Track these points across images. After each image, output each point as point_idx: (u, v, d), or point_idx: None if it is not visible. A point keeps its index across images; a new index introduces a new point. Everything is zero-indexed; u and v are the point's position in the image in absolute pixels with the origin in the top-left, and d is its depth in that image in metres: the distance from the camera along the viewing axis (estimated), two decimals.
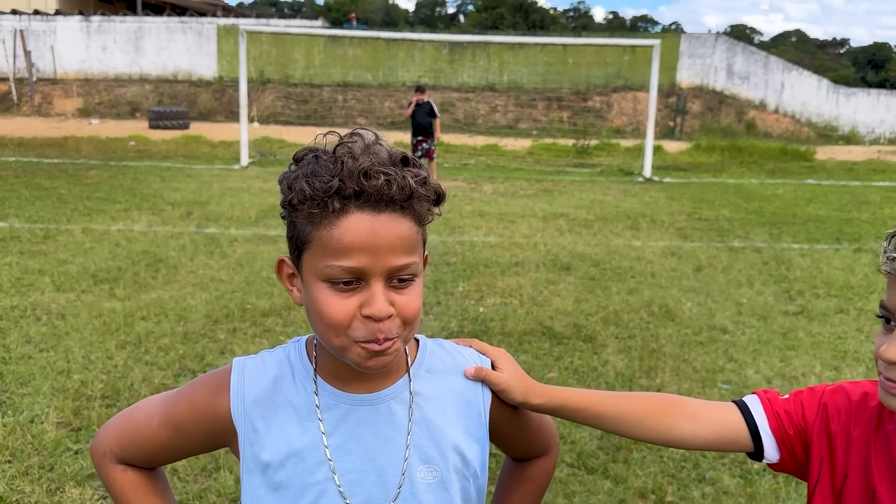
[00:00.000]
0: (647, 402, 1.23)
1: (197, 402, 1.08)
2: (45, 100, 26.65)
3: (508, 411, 1.15)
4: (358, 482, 1.04)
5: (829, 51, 78.84)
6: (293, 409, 1.05)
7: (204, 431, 1.08)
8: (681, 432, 1.17)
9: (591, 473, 3.23)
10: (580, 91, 27.76)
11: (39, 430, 3.48)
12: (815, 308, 5.83)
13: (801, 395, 1.16)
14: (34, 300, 5.44)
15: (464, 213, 9.99)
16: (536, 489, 1.27)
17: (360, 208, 0.93)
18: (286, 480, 1.03)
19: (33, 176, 11.82)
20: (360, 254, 0.93)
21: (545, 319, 5.37)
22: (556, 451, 1.29)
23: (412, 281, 0.97)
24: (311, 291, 0.97)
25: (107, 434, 1.14)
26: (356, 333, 0.95)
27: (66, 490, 3.00)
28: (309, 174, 0.95)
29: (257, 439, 1.05)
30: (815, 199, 12.13)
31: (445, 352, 1.14)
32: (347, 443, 1.04)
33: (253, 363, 1.09)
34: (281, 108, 26.36)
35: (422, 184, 0.96)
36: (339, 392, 1.05)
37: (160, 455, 1.13)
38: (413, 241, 0.97)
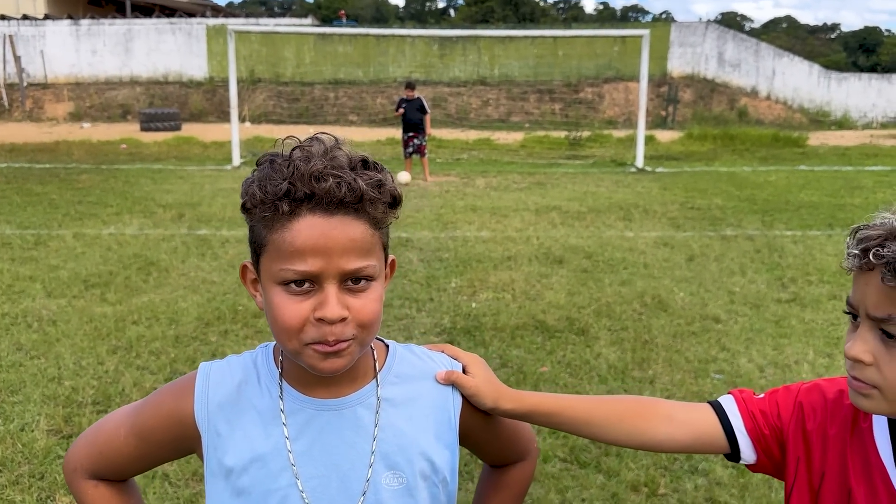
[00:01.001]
0: (621, 405, 1.22)
1: (162, 408, 1.08)
2: (37, 105, 26.54)
3: (480, 417, 1.14)
4: (321, 488, 1.03)
5: (819, 36, 78.85)
6: (257, 413, 1.04)
7: (170, 438, 1.08)
8: (656, 435, 1.17)
9: (583, 468, 3.23)
10: (571, 83, 27.72)
11: (30, 437, 3.47)
12: (808, 295, 5.83)
13: (776, 395, 1.15)
14: (25, 307, 5.42)
15: (456, 208, 9.98)
16: (515, 496, 1.26)
17: (311, 211, 0.93)
18: (249, 486, 1.03)
19: (24, 181, 11.77)
20: (312, 257, 0.92)
21: (538, 313, 5.36)
22: (534, 456, 1.28)
23: (369, 284, 0.97)
24: (268, 295, 0.97)
25: (76, 449, 1.14)
26: (307, 336, 0.94)
27: (57, 499, 2.99)
28: (262, 178, 0.95)
29: (221, 443, 1.04)
30: (808, 185, 12.13)
31: (416, 357, 1.13)
32: (311, 448, 1.03)
33: (219, 367, 1.08)
34: (272, 107, 26.27)
35: (375, 186, 0.95)
36: (304, 397, 1.04)
37: (130, 466, 1.12)
38: (367, 243, 0.96)
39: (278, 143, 1.00)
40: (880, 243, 0.93)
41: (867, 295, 0.95)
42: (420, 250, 7.44)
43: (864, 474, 1.03)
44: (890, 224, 0.96)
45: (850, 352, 0.97)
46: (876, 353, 0.95)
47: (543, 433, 3.51)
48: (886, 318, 0.93)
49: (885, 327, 0.94)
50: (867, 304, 0.95)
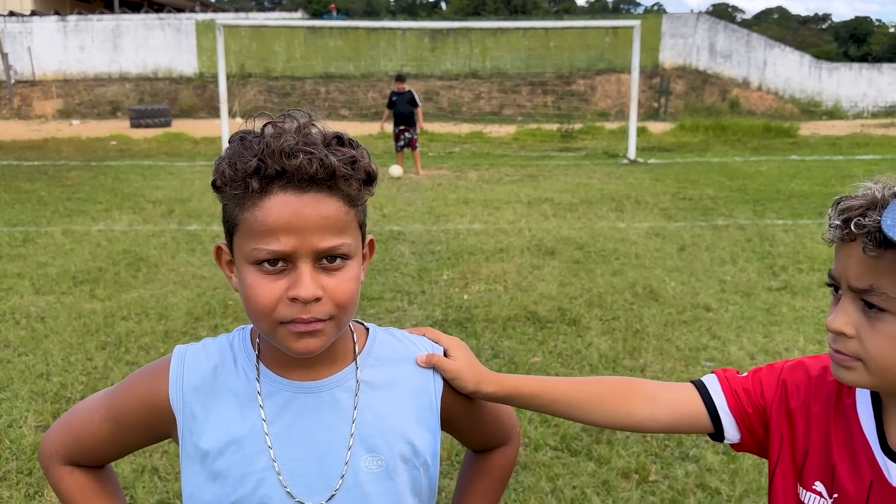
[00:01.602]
0: (604, 387, 1.20)
1: (135, 392, 1.06)
2: (25, 102, 26.37)
3: (462, 401, 1.12)
4: (299, 471, 1.01)
5: (810, 26, 79.00)
6: (233, 395, 1.02)
7: (144, 422, 1.06)
8: (639, 416, 1.16)
9: (574, 455, 3.23)
10: (564, 75, 27.71)
11: (18, 434, 3.44)
12: (799, 283, 5.84)
13: (759, 373, 1.14)
14: (13, 304, 5.38)
15: (448, 201, 9.96)
16: (497, 480, 1.25)
17: (283, 188, 0.90)
18: (225, 469, 1.01)
19: (13, 179, 11.69)
20: (285, 235, 0.90)
21: (529, 304, 5.35)
22: (516, 441, 1.27)
23: (344, 263, 0.95)
24: (241, 275, 0.95)
25: (52, 436, 1.12)
26: (280, 314, 0.92)
27: (45, 494, 2.97)
28: (232, 155, 0.93)
29: (196, 426, 1.02)
30: (799, 174, 12.15)
31: (396, 340, 1.11)
32: (289, 431, 1.01)
33: (194, 350, 1.06)
34: (263, 102, 26.17)
35: (349, 163, 0.93)
36: (282, 379, 1.02)
37: (105, 451, 1.10)
38: (342, 221, 0.94)
39: (250, 121, 0.98)
40: (862, 213, 0.92)
41: (849, 266, 0.94)
42: (412, 243, 7.42)
43: (847, 450, 1.03)
44: (871, 194, 0.95)
45: (832, 325, 0.96)
46: (858, 326, 0.94)
47: (535, 422, 3.51)
48: (868, 288, 0.92)
49: (867, 298, 0.93)
50: (849, 275, 0.94)
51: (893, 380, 0.95)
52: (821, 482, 1.05)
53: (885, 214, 0.89)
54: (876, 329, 0.93)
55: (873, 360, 0.94)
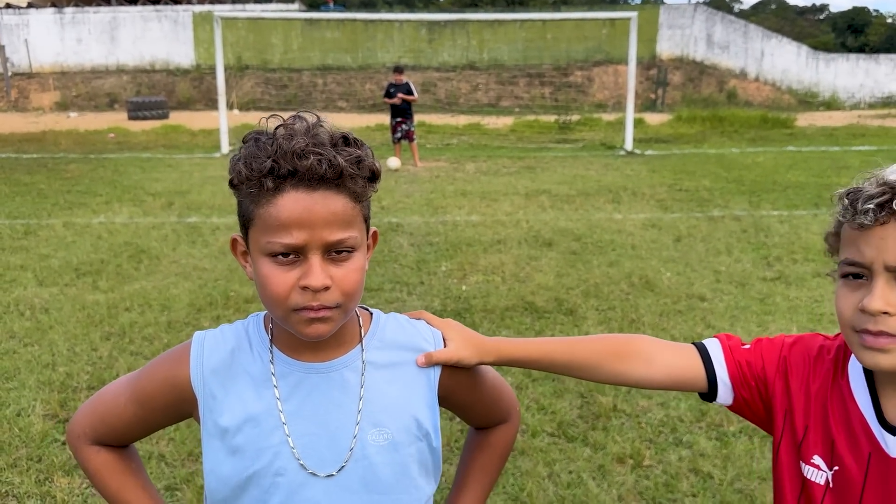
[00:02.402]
0: (601, 347, 1.26)
1: (159, 375, 1.14)
2: (22, 94, 26.34)
3: (461, 382, 1.20)
4: (311, 445, 1.09)
5: (808, 17, 78.82)
6: (250, 377, 1.10)
7: (167, 402, 1.14)
8: (634, 376, 1.22)
9: (570, 441, 3.31)
10: (561, 66, 27.73)
11: (26, 422, 3.51)
12: (793, 273, 5.92)
13: (761, 346, 1.19)
14: (17, 296, 5.44)
15: (446, 193, 10.02)
16: (498, 456, 1.33)
17: (294, 187, 0.98)
18: (243, 444, 1.09)
19: (12, 172, 11.73)
20: (297, 229, 0.98)
21: (527, 295, 5.42)
22: (516, 419, 1.34)
23: (351, 254, 1.02)
24: (257, 266, 1.03)
25: (79, 418, 1.20)
26: (292, 302, 1.00)
27: (55, 480, 3.04)
28: (247, 156, 1.00)
29: (216, 406, 1.10)
30: (795, 165, 12.22)
31: (398, 324, 1.19)
32: (301, 408, 1.09)
33: (212, 336, 1.14)
34: (260, 94, 26.17)
35: (355, 163, 1.01)
36: (294, 361, 1.10)
37: (130, 431, 1.18)
38: (349, 216, 1.01)
39: (262, 122, 1.05)
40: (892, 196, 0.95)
41: (885, 247, 0.96)
42: (410, 235, 7.49)
43: (844, 425, 1.08)
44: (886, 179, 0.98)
45: (872, 305, 0.96)
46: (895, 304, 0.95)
47: (532, 409, 3.59)
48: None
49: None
50: (886, 255, 0.96)
51: None
52: (819, 456, 1.10)
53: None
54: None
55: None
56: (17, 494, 2.96)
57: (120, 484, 1.19)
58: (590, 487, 2.94)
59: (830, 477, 1.09)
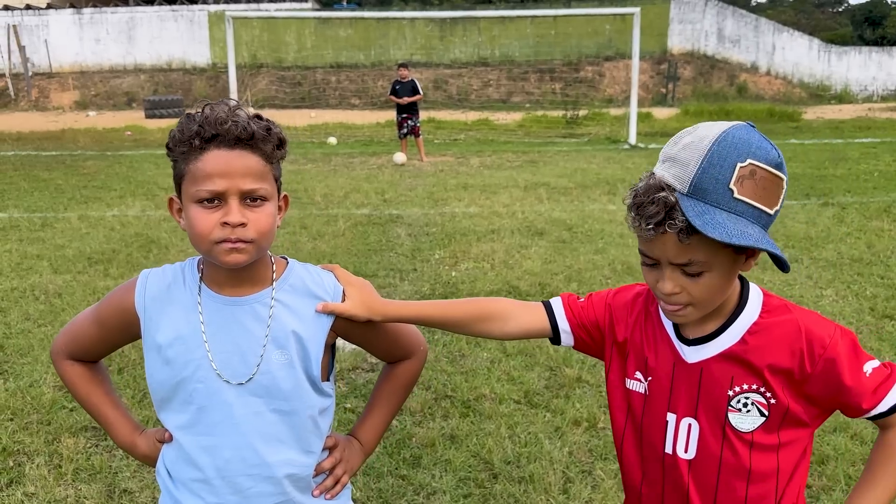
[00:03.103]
0: (469, 310, 1.56)
1: (113, 302, 1.46)
2: (42, 94, 26.96)
3: (355, 326, 1.48)
4: (227, 360, 1.39)
5: (826, 10, 78.09)
6: (181, 305, 1.41)
7: (119, 323, 1.45)
8: (496, 332, 1.55)
9: (533, 408, 3.58)
10: (572, 62, 27.89)
11: (38, 392, 3.85)
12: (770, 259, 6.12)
13: (592, 297, 1.52)
14: (33, 282, 5.80)
15: (448, 186, 10.30)
16: (402, 385, 1.63)
17: (217, 146, 1.28)
18: (173, 357, 1.39)
19: (31, 168, 12.17)
20: (219, 178, 1.28)
21: (512, 280, 5.69)
22: (421, 356, 1.63)
23: (263, 203, 1.32)
24: (188, 212, 1.33)
25: (59, 338, 1.54)
26: (215, 236, 1.30)
27: (63, 440, 3.37)
28: (180, 124, 1.32)
29: (153, 326, 1.41)
30: (795, 157, 12.35)
31: (307, 272, 1.48)
32: (219, 331, 1.39)
33: (155, 272, 1.45)
34: (275, 91, 26.58)
35: (265, 130, 1.31)
36: (217, 295, 1.41)
37: (95, 348, 1.51)
38: (261, 171, 1.31)
39: (196, 106, 1.35)
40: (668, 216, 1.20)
41: (667, 250, 1.24)
42: (409, 225, 7.78)
43: (654, 345, 1.41)
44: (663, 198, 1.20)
45: (664, 289, 1.28)
46: (682, 284, 1.27)
47: (502, 380, 3.87)
48: (687, 263, 1.24)
49: (685, 269, 1.25)
50: (668, 255, 1.24)
51: (709, 308, 1.31)
52: (639, 371, 1.42)
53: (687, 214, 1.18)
54: (695, 282, 1.26)
55: (699, 301, 1.28)
56: (28, 452, 3.29)
57: (89, 390, 1.53)
58: (544, 445, 3.21)
59: (647, 386, 1.40)
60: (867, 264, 5.97)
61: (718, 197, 1.19)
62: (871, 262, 6.01)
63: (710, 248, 1.21)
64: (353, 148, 15.51)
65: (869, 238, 6.76)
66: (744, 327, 1.31)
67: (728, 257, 1.24)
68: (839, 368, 1.27)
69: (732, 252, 1.24)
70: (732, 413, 1.31)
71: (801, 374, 1.28)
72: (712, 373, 1.32)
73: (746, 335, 1.31)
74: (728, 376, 1.31)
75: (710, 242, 1.19)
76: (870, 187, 9.38)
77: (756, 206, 1.21)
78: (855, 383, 1.28)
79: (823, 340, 1.28)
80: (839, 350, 1.28)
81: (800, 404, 1.31)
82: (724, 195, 1.19)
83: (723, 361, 1.32)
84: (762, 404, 1.30)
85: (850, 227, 7.23)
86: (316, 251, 6.67)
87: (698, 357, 1.34)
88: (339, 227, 7.66)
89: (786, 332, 1.29)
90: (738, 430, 1.31)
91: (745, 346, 1.31)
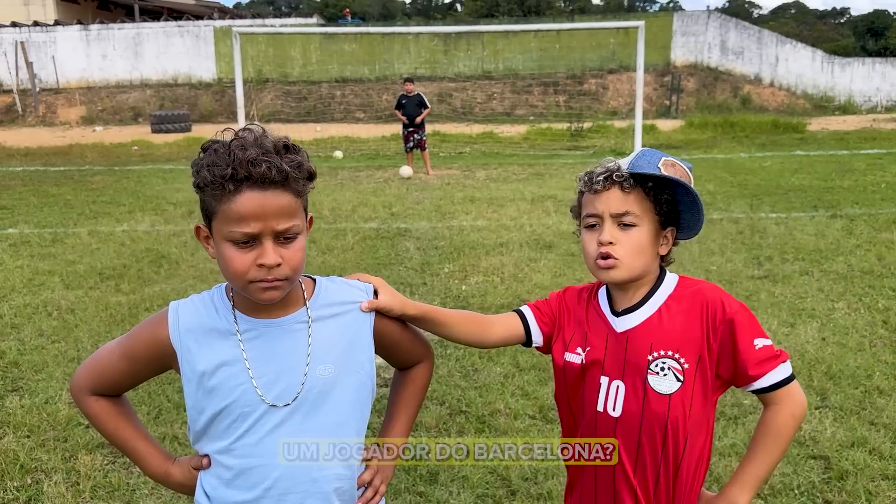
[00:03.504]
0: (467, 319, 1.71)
1: (144, 336, 1.46)
2: (49, 109, 27.13)
3: (389, 325, 1.54)
4: (271, 383, 1.41)
5: (828, 21, 78.32)
6: (218, 333, 1.42)
7: (150, 357, 1.46)
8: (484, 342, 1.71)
9: (549, 423, 3.58)
10: (576, 75, 27.96)
11: (53, 409, 3.86)
12: (781, 272, 6.13)
13: (552, 295, 1.74)
14: (45, 298, 5.83)
15: (455, 199, 10.32)
16: (420, 389, 1.68)
17: (250, 188, 1.28)
18: (217, 385, 1.40)
19: (40, 184, 12.24)
20: (253, 221, 1.29)
21: (523, 293, 5.70)
22: (431, 360, 1.69)
23: (295, 238, 1.34)
24: (220, 249, 1.34)
25: (80, 374, 1.53)
26: (250, 276, 1.32)
27: (79, 457, 3.38)
28: (210, 164, 1.30)
29: (192, 357, 1.42)
30: (801, 169, 12.36)
31: (336, 286, 1.52)
32: (261, 356, 1.41)
33: (185, 303, 1.46)
34: (280, 106, 26.70)
35: (297, 167, 1.32)
36: (252, 319, 1.42)
37: (122, 383, 1.51)
38: (293, 209, 1.33)
39: (219, 134, 1.36)
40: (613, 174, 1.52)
41: (610, 202, 1.52)
42: (417, 239, 7.80)
43: (593, 323, 1.63)
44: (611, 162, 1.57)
45: (603, 238, 1.52)
46: (616, 236, 1.52)
47: (517, 395, 3.87)
48: (624, 213, 1.52)
49: (622, 220, 1.52)
50: (610, 207, 1.52)
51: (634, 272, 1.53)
52: (579, 346, 1.63)
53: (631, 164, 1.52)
54: (627, 237, 1.53)
55: (626, 257, 1.52)
56: (46, 469, 3.30)
57: (116, 425, 1.52)
58: (561, 462, 3.20)
59: (584, 356, 1.61)
60: (878, 276, 5.96)
61: (651, 168, 1.51)
62: (883, 275, 6.00)
63: (643, 203, 1.51)
64: (360, 161, 15.57)
65: (879, 250, 6.75)
66: (661, 299, 1.56)
67: (654, 222, 1.54)
68: (736, 330, 1.48)
69: (658, 221, 1.54)
70: (651, 376, 1.52)
71: (709, 337, 1.49)
72: (635, 340, 1.55)
73: (663, 306, 1.55)
74: (647, 343, 1.53)
75: (643, 198, 1.51)
76: (878, 199, 9.37)
77: (679, 179, 1.51)
78: (746, 349, 1.48)
79: (726, 305, 1.50)
80: (740, 316, 1.49)
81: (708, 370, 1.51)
82: (655, 169, 1.51)
83: (644, 329, 1.54)
84: (677, 370, 1.51)
85: (860, 239, 7.22)
86: (325, 265, 6.68)
87: (625, 326, 1.57)
88: (347, 241, 7.68)
89: (696, 301, 1.53)
90: (657, 391, 1.51)
91: (661, 315, 1.54)
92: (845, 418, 3.59)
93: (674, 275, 1.62)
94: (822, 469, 3.16)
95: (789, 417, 1.50)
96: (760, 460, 1.51)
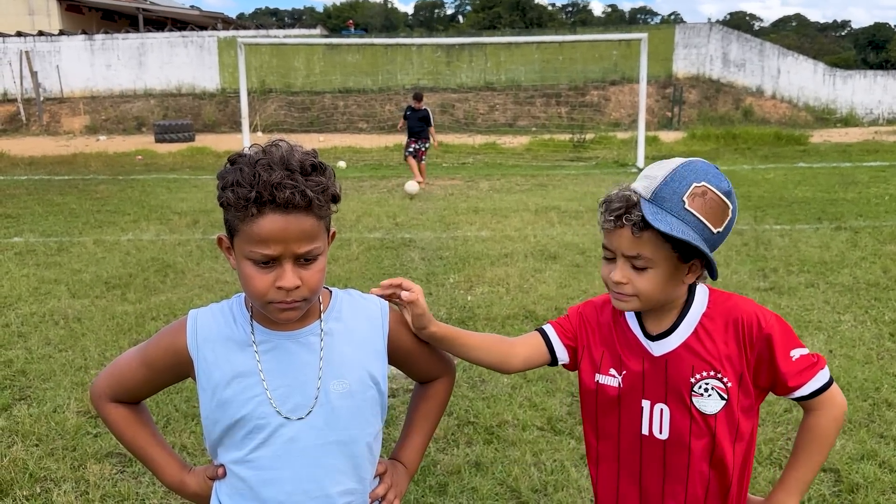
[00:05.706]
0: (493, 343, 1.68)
1: (162, 344, 1.47)
2: (54, 119, 27.21)
3: (405, 340, 1.52)
4: (285, 396, 1.41)
5: (829, 34, 78.61)
6: (235, 343, 1.42)
7: (169, 365, 1.47)
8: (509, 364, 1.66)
9: (557, 435, 3.58)
10: (577, 86, 28.04)
11: (62, 418, 3.86)
12: (787, 284, 6.14)
13: (571, 311, 1.71)
14: (52, 307, 5.83)
15: (459, 210, 10.34)
16: (438, 404, 1.67)
17: (273, 210, 1.27)
18: (232, 396, 1.40)
19: (45, 193, 12.27)
20: (274, 243, 1.28)
21: (528, 304, 5.70)
22: (452, 375, 1.68)
23: (316, 259, 1.34)
24: (241, 266, 1.34)
25: (100, 381, 1.53)
26: (270, 297, 1.32)
27: (88, 466, 3.37)
28: (233, 183, 1.29)
29: (208, 366, 1.42)
30: (804, 181, 12.38)
31: (352, 298, 1.52)
32: (276, 367, 1.41)
33: (203, 312, 1.47)
34: (283, 116, 26.77)
35: (321, 191, 1.31)
36: (269, 331, 1.43)
37: (141, 390, 1.52)
38: (315, 231, 1.32)
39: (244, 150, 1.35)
40: (627, 211, 1.44)
41: (622, 242, 1.47)
42: (422, 249, 7.81)
43: (626, 345, 1.59)
44: (627, 196, 1.46)
45: (613, 278, 1.51)
46: (629, 277, 1.49)
47: (524, 406, 3.87)
48: (635, 255, 1.47)
49: (633, 262, 1.48)
50: (622, 248, 1.47)
51: (653, 304, 1.51)
52: (613, 368, 1.60)
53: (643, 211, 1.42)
54: (640, 276, 1.48)
55: (642, 294, 1.50)
56: (55, 478, 3.29)
57: (134, 432, 1.53)
58: (571, 473, 3.20)
59: (621, 380, 1.59)
60: (884, 289, 5.96)
61: (672, 205, 1.41)
62: (888, 287, 6.01)
63: (656, 246, 1.43)
64: (363, 172, 15.60)
65: (884, 262, 6.76)
66: (695, 319, 1.53)
67: (670, 262, 1.46)
68: (774, 344, 1.47)
69: (676, 259, 1.46)
70: (696, 398, 1.51)
71: (746, 353, 1.48)
72: (675, 363, 1.53)
73: (698, 326, 1.52)
74: (689, 366, 1.51)
75: (656, 242, 1.43)
76: (882, 211, 9.38)
77: (701, 219, 1.42)
78: (784, 362, 1.47)
79: (762, 320, 1.48)
80: (776, 329, 1.48)
81: (749, 384, 1.51)
82: (677, 204, 1.41)
83: (683, 353, 1.52)
84: (721, 389, 1.50)
85: (865, 251, 7.22)
86: (331, 275, 6.69)
87: (662, 350, 1.54)
88: (352, 251, 7.69)
89: (731, 318, 1.50)
90: (703, 412, 1.51)
91: (697, 336, 1.52)
92: (854, 431, 3.58)
93: (704, 288, 1.58)
94: (833, 482, 3.16)
95: (831, 421, 1.52)
96: (805, 465, 1.53)
